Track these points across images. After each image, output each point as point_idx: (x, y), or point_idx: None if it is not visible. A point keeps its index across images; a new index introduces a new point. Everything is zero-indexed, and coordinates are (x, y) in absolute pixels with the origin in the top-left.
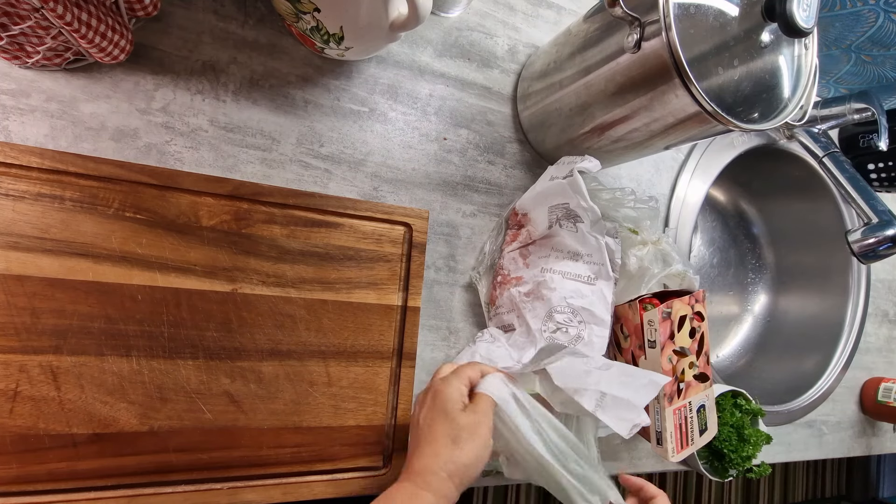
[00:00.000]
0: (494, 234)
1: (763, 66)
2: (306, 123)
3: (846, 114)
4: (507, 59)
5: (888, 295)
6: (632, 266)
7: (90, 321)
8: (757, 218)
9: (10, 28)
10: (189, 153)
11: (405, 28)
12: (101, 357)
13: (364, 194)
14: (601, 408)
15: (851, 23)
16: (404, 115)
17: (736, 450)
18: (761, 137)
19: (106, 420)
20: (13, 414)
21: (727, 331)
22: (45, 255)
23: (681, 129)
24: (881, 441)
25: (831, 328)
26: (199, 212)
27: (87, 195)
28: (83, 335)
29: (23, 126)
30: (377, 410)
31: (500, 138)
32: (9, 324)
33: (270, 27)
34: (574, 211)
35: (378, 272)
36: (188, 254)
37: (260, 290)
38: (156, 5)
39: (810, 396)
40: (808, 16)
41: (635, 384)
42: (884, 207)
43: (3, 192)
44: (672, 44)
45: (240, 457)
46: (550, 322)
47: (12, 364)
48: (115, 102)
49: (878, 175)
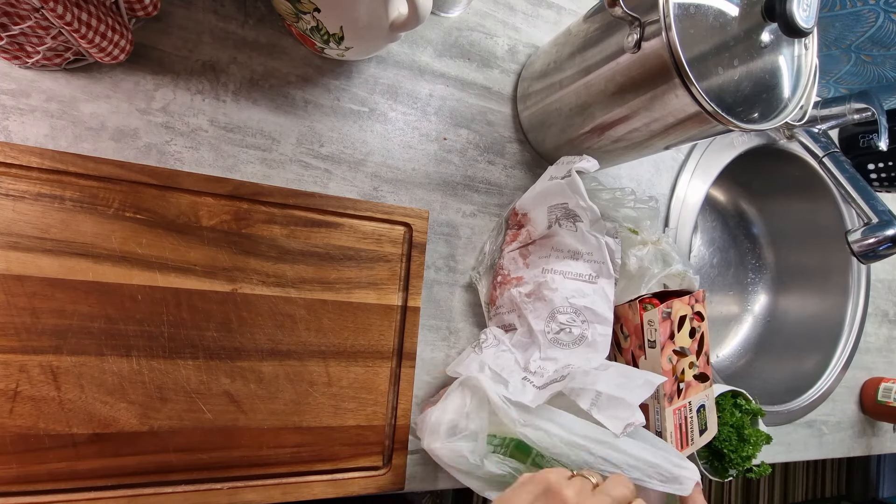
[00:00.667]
0: (494, 234)
1: (763, 66)
2: (306, 123)
3: (846, 114)
4: (507, 59)
5: (888, 295)
6: (632, 266)
7: (90, 321)
8: (757, 218)
9: (10, 28)
10: (189, 153)
11: (405, 28)
12: (101, 357)
13: (364, 194)
14: (596, 406)
15: (851, 23)
16: (404, 115)
17: (736, 450)
18: (761, 137)
19: (106, 420)
20: (13, 414)
21: (727, 331)
22: (45, 255)
23: (681, 129)
24: (881, 441)
25: (831, 328)
26: (199, 212)
27: (87, 195)
28: (83, 335)
29: (23, 126)
30: (377, 410)
31: (500, 138)
32: (9, 324)
33: (270, 27)
34: (573, 210)
35: (378, 272)
36: (188, 254)
37: (260, 290)
38: (156, 5)
39: (810, 396)
40: (808, 16)
41: (631, 384)
42: (884, 207)
43: (3, 192)
44: (672, 44)
45: (240, 457)
46: (553, 323)
47: (12, 364)
48: (115, 102)
49: (878, 175)
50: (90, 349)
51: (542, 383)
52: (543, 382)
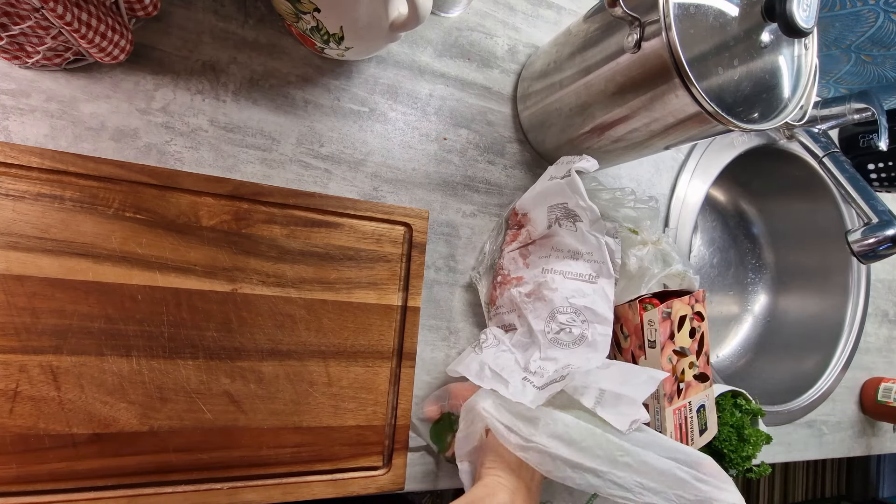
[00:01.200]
0: (494, 234)
1: (763, 66)
2: (306, 123)
3: (846, 114)
4: (507, 59)
5: (888, 295)
6: (632, 266)
7: (90, 321)
8: (757, 218)
9: (10, 28)
10: (189, 153)
11: (405, 28)
12: (101, 357)
13: (364, 194)
14: (600, 404)
15: (851, 23)
16: (404, 115)
17: (736, 450)
18: (761, 137)
19: (106, 420)
20: (13, 414)
21: (727, 331)
22: (45, 255)
23: (681, 129)
24: (881, 441)
25: (831, 328)
26: (199, 212)
27: (87, 195)
28: (83, 335)
29: (23, 126)
30: (377, 410)
31: (500, 138)
32: (9, 324)
33: (270, 27)
34: (573, 210)
35: (378, 272)
36: (188, 254)
37: (260, 290)
38: (156, 5)
39: (810, 396)
40: (808, 16)
41: (634, 380)
42: (884, 207)
43: (3, 192)
44: (672, 44)
45: (240, 457)
46: (553, 323)
47: (12, 364)
48: (115, 102)
49: (878, 175)
50: (90, 349)
51: (542, 383)
52: (543, 383)
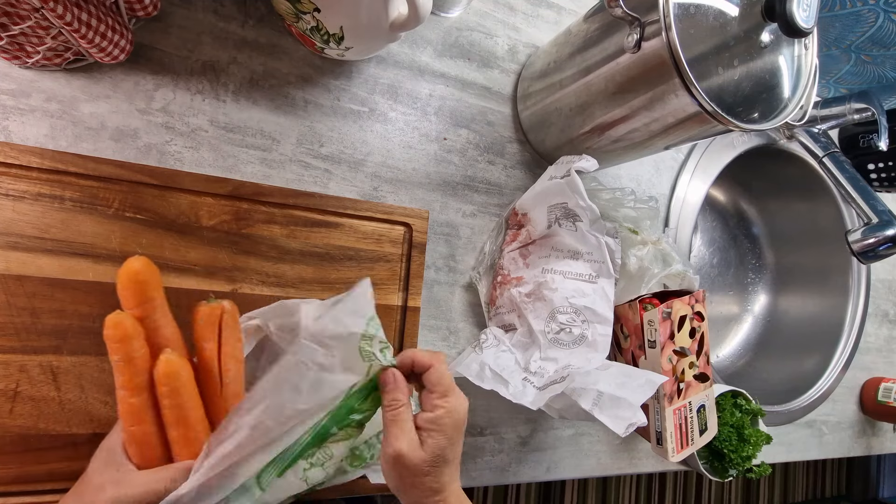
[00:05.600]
0: (494, 234)
1: (763, 66)
2: (306, 123)
3: (846, 114)
4: (507, 59)
5: (888, 295)
6: (632, 266)
7: (90, 321)
8: (757, 218)
9: (10, 28)
10: (189, 153)
11: (405, 28)
12: (101, 357)
13: (364, 194)
14: (598, 407)
15: (851, 23)
16: (404, 115)
17: (736, 450)
18: (761, 137)
19: (106, 420)
20: (13, 414)
21: (727, 331)
22: (45, 255)
23: (681, 129)
24: (881, 441)
25: (831, 328)
26: (199, 212)
27: (87, 195)
28: (83, 335)
29: (23, 126)
30: None
31: (500, 138)
32: (9, 324)
33: (270, 27)
34: (573, 210)
35: (378, 272)
36: (188, 254)
37: (260, 290)
38: (156, 5)
39: (810, 396)
40: (808, 16)
41: (633, 384)
42: (884, 207)
43: (3, 192)
44: (672, 44)
45: None
46: (553, 323)
47: (12, 364)
48: (115, 102)
49: (878, 175)
50: (90, 349)
51: (542, 384)
52: (544, 383)
